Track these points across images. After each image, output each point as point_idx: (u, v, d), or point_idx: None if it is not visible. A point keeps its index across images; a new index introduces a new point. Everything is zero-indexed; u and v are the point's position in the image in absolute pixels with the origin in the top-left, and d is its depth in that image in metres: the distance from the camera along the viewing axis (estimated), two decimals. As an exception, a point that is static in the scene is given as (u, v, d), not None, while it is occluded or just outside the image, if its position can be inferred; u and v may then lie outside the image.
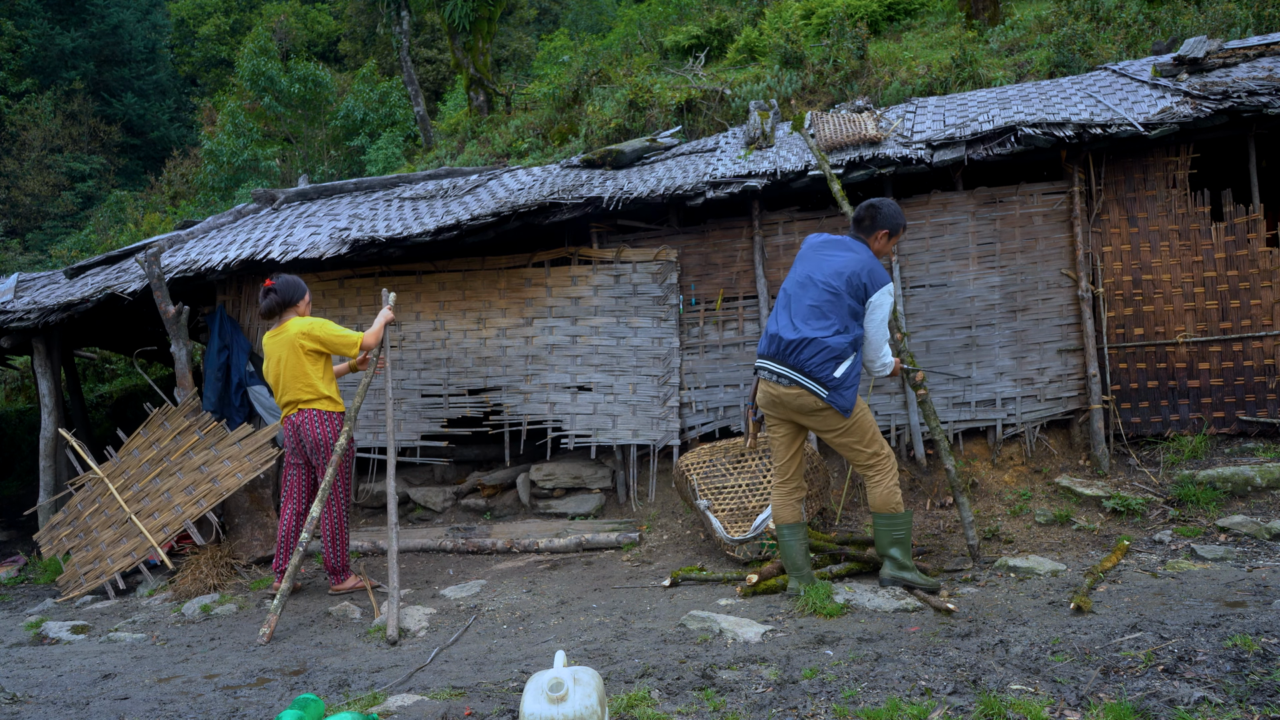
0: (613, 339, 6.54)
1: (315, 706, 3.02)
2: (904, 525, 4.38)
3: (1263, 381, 5.67)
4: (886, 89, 10.02)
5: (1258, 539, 4.71)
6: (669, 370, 6.35)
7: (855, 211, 4.47)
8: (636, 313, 6.50)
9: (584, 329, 6.57)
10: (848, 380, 4.20)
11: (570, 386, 6.58)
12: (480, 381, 6.73)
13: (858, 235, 4.42)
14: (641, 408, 6.42)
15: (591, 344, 6.56)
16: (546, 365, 6.63)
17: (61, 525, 6.54)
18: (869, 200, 4.45)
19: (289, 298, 5.26)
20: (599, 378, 6.52)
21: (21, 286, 8.17)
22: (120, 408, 11.80)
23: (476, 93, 15.20)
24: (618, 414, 6.43)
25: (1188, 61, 6.45)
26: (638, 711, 3.05)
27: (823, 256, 4.37)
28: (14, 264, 17.40)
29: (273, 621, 4.66)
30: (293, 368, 5.17)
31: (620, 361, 6.49)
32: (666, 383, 6.36)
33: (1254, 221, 5.71)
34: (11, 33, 23.68)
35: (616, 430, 6.42)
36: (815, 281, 4.29)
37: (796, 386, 4.24)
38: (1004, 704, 2.83)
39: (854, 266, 4.25)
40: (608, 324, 6.55)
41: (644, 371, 6.43)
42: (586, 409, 6.51)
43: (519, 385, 6.65)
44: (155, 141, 25.96)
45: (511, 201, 6.59)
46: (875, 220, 4.39)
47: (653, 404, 6.38)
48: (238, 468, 6.12)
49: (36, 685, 4.02)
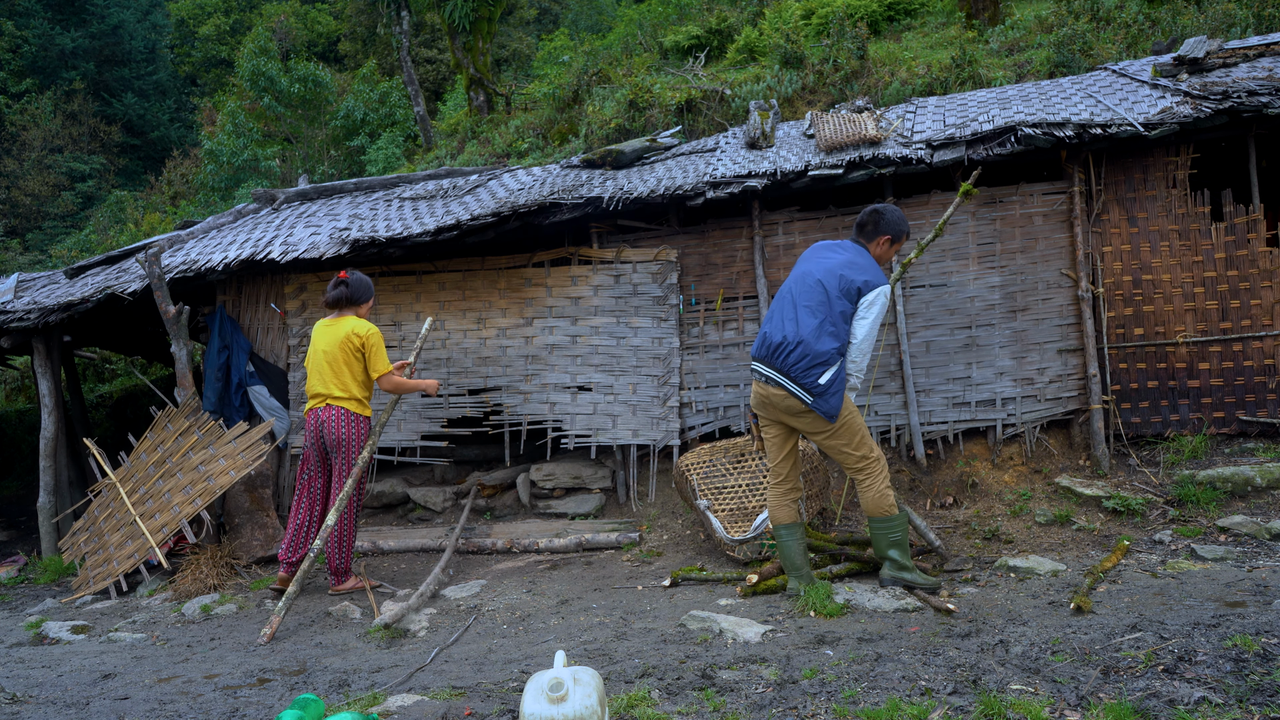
0: (613, 339, 6.53)
1: (315, 706, 3.02)
2: (900, 526, 4.38)
3: (1263, 381, 5.67)
4: (886, 89, 10.02)
5: (1258, 539, 4.71)
6: (669, 370, 6.35)
7: (860, 216, 4.47)
8: (636, 313, 6.50)
9: (584, 329, 6.57)
10: (833, 387, 4.18)
11: (570, 387, 6.57)
12: (480, 381, 6.72)
13: (859, 240, 4.43)
14: (641, 408, 6.42)
15: (591, 344, 6.56)
16: (546, 365, 6.63)
17: (81, 531, 6.63)
18: (873, 205, 4.46)
19: (357, 295, 5.30)
20: (599, 378, 6.52)
21: (21, 286, 8.17)
22: (120, 408, 11.80)
23: (476, 93, 15.21)
24: (618, 414, 6.43)
25: (1188, 61, 6.45)
26: (638, 711, 3.05)
27: (820, 258, 4.39)
28: (14, 264, 17.40)
29: (275, 623, 4.66)
30: (336, 362, 5.19)
31: (620, 361, 6.48)
32: (666, 383, 6.35)
33: (1254, 221, 5.71)
34: (11, 33, 23.68)
35: (616, 430, 6.42)
36: (809, 283, 4.31)
37: (783, 389, 4.25)
38: (1004, 704, 2.83)
39: (849, 268, 4.25)
40: (608, 324, 6.55)
41: (644, 371, 6.43)
42: (586, 409, 6.51)
43: (519, 385, 6.65)
44: (155, 141, 25.97)
45: (511, 201, 6.59)
46: (879, 225, 4.38)
47: (653, 404, 6.38)
48: (231, 465, 6.10)
49: (36, 685, 4.02)
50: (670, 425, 6.34)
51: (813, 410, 4.20)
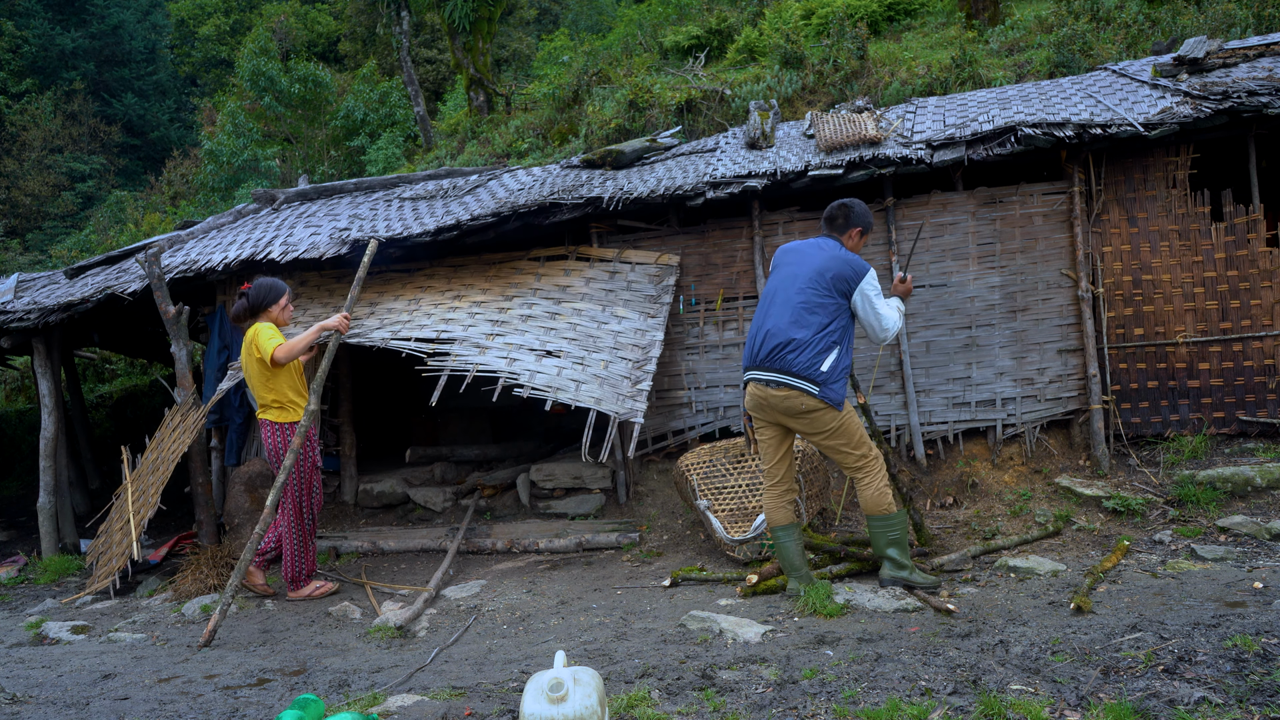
0: (594, 323, 6.23)
1: (315, 707, 3.02)
2: (899, 525, 4.38)
3: (1263, 381, 5.66)
4: (886, 89, 10.03)
5: (1258, 539, 4.71)
6: (647, 359, 6.00)
7: (828, 211, 4.54)
8: (625, 305, 6.31)
9: (565, 309, 6.29)
10: (835, 374, 4.24)
11: (537, 350, 5.95)
12: (434, 335, 6.05)
13: (831, 234, 4.49)
14: (610, 383, 5.88)
15: (570, 321, 6.20)
16: (516, 330, 6.09)
17: (102, 534, 6.63)
18: (840, 200, 4.52)
19: (258, 303, 5.18)
20: (571, 349, 6.02)
21: (22, 287, 8.18)
22: (120, 408, 11.80)
23: (476, 93, 15.20)
24: (584, 382, 5.86)
25: (1188, 62, 6.45)
26: (638, 712, 3.04)
27: (800, 260, 4.42)
28: (14, 264, 17.40)
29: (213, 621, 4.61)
30: (250, 375, 5.15)
31: (596, 341, 6.08)
32: (641, 368, 5.96)
33: (1254, 222, 5.71)
34: (12, 33, 23.68)
35: (579, 394, 5.72)
36: (797, 284, 4.34)
37: (785, 388, 4.26)
38: (1004, 704, 2.83)
39: (834, 264, 4.30)
40: (592, 310, 6.30)
41: (620, 354, 6.05)
42: (551, 371, 5.88)
43: (479, 341, 6.01)
44: (155, 142, 25.98)
45: (511, 202, 6.58)
46: (849, 218, 4.46)
47: (622, 383, 5.88)
48: (186, 436, 6.00)
49: (36, 685, 4.02)
50: (636, 405, 5.74)
51: (821, 401, 4.22)
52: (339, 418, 7.21)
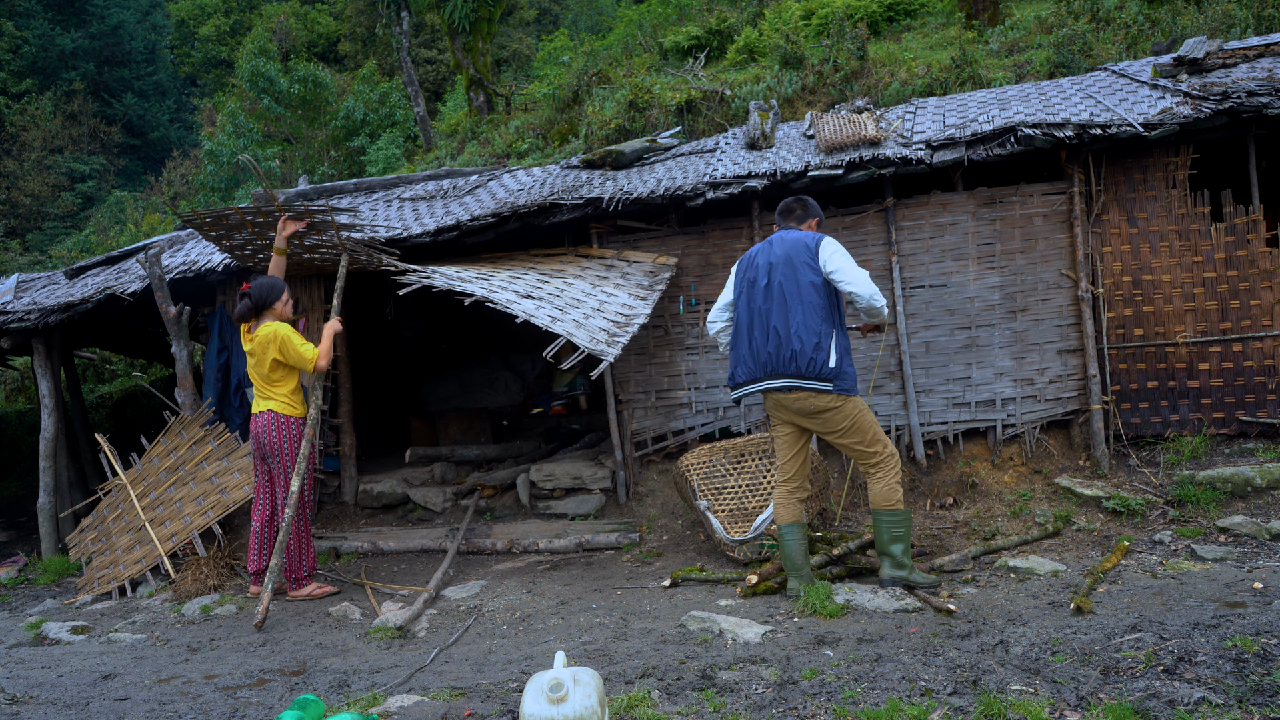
0: (581, 293, 5.94)
1: (315, 707, 3.02)
2: (904, 522, 4.39)
3: (1263, 382, 5.66)
4: (886, 89, 10.03)
5: (1258, 539, 4.71)
6: (629, 322, 5.64)
7: (783, 205, 4.66)
8: (616, 287, 6.15)
9: (555, 282, 5.99)
10: (843, 363, 4.29)
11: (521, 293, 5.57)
12: None
13: (789, 225, 4.60)
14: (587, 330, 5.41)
15: (557, 287, 5.91)
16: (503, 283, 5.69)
17: (89, 530, 6.63)
18: (795, 196, 4.70)
19: (261, 301, 5.27)
20: (554, 299, 5.68)
21: (21, 287, 8.17)
22: (120, 408, 11.80)
23: (476, 93, 15.21)
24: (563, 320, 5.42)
25: (1188, 62, 6.45)
26: (638, 712, 3.05)
27: (767, 261, 4.45)
28: (14, 264, 17.40)
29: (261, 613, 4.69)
30: (260, 368, 5.23)
31: (580, 304, 5.75)
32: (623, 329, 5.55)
33: (1254, 222, 5.71)
34: (11, 33, 23.68)
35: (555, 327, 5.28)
36: (772, 285, 4.38)
37: (796, 391, 4.28)
38: (1004, 704, 2.83)
39: (796, 248, 4.36)
40: (582, 285, 6.07)
41: (602, 314, 5.70)
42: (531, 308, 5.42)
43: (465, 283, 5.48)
44: (155, 142, 25.97)
45: (511, 202, 6.58)
46: (807, 209, 4.62)
47: (600, 333, 5.44)
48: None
49: (36, 685, 4.02)
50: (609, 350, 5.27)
51: (833, 398, 4.26)
52: (339, 418, 7.20)
